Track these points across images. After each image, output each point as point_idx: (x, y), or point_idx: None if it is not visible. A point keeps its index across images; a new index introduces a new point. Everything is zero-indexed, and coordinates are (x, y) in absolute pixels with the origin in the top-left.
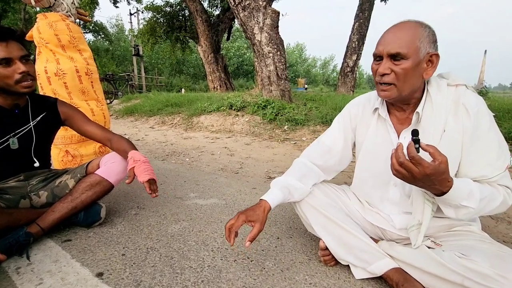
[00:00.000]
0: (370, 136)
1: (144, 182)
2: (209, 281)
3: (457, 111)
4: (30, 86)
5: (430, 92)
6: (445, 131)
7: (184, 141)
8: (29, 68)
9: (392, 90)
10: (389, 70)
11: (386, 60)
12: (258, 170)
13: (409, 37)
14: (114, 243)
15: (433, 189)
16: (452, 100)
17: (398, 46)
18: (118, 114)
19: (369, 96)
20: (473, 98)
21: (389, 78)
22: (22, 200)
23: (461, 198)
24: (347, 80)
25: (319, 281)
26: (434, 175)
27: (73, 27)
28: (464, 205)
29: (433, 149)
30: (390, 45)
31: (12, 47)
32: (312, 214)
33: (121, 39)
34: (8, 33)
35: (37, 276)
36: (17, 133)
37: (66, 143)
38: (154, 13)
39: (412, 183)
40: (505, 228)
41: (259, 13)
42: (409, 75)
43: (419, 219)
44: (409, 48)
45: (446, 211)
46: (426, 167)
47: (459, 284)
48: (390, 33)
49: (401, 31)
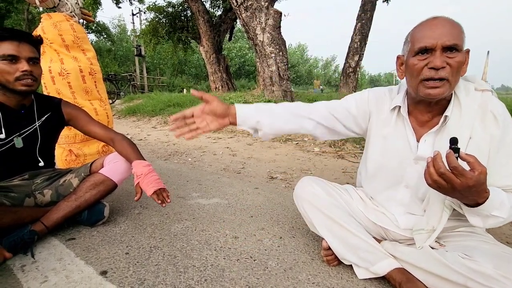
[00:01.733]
0: (386, 133)
1: (151, 195)
2: (212, 280)
3: (484, 118)
4: (29, 85)
5: (458, 95)
6: (471, 138)
7: (186, 141)
8: (34, 69)
9: (445, 86)
10: (445, 63)
11: (440, 53)
12: (260, 170)
13: (459, 30)
14: (118, 242)
15: (469, 200)
16: (479, 105)
17: (454, 37)
18: (120, 114)
19: (388, 91)
20: (500, 105)
21: (445, 72)
22: (27, 198)
23: (493, 208)
24: (349, 81)
25: (322, 281)
26: (475, 187)
27: (77, 27)
28: (495, 215)
29: (473, 159)
30: (445, 36)
31: (23, 47)
32: (314, 214)
33: (123, 40)
34: (23, 35)
35: (41, 274)
36: (23, 133)
37: (70, 142)
38: (156, 14)
39: (449, 194)
40: (508, 229)
41: (261, 14)
42: (460, 69)
43: (433, 225)
44: (461, 41)
45: (473, 220)
46: (469, 178)
47: (462, 285)
48: (438, 25)
49: (450, 24)
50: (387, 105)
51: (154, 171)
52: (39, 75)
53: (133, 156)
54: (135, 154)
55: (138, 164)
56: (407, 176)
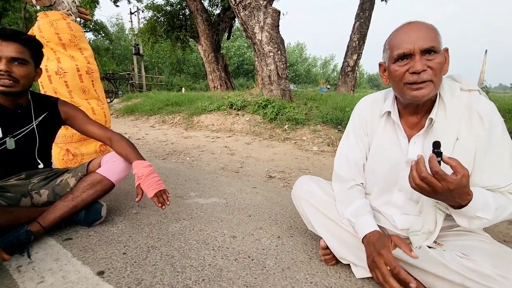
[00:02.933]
0: (377, 140)
1: (152, 198)
2: (210, 280)
3: (470, 119)
4: (5, 86)
5: (442, 96)
6: (458, 139)
7: (185, 140)
8: (15, 70)
9: (429, 87)
10: (426, 66)
11: (419, 57)
12: (258, 170)
13: (433, 32)
14: (115, 242)
15: (451, 202)
16: (465, 106)
17: (430, 40)
18: (118, 113)
19: (376, 98)
20: (487, 105)
21: (427, 75)
22: (23, 198)
23: (477, 209)
24: (347, 80)
25: (320, 280)
26: (456, 190)
27: (74, 26)
28: (479, 216)
29: (456, 163)
30: (422, 40)
31: (7, 46)
32: (312, 213)
33: (122, 38)
34: (10, 35)
35: (38, 275)
36: (20, 133)
37: (67, 142)
38: (154, 12)
39: (432, 196)
40: (505, 228)
41: (260, 12)
42: (441, 70)
43: (429, 228)
44: (438, 42)
45: (460, 221)
46: (450, 182)
47: (459, 284)
48: (413, 30)
49: (424, 27)
50: (376, 112)
51: (155, 172)
52: (21, 76)
53: (133, 156)
54: (135, 154)
55: (139, 164)
56: (400, 179)
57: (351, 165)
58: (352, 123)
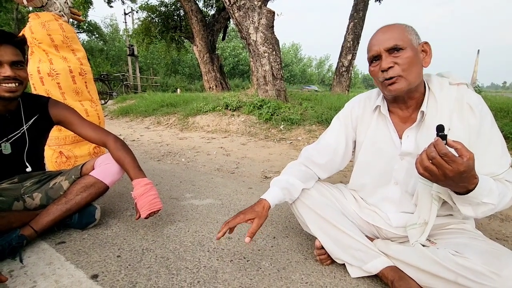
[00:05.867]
0: (370, 135)
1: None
2: (205, 282)
3: (461, 110)
4: (12, 91)
5: (432, 90)
6: (450, 130)
7: (180, 142)
8: (19, 73)
9: (400, 81)
10: (392, 63)
11: (385, 56)
12: (254, 170)
13: (398, 32)
14: (109, 245)
15: (459, 187)
16: (456, 98)
17: (393, 39)
18: (113, 114)
19: (370, 94)
20: (476, 96)
21: (394, 71)
22: (16, 202)
23: (483, 195)
24: (342, 80)
25: (315, 280)
26: (466, 172)
27: (66, 27)
28: (485, 202)
29: (461, 145)
30: (385, 41)
31: (5, 51)
32: (307, 214)
33: (116, 39)
34: (3, 37)
35: (30, 279)
36: (10, 138)
37: (60, 144)
38: (148, 13)
39: (441, 181)
40: (498, 226)
41: (254, 13)
42: (412, 63)
43: (425, 218)
44: (402, 40)
45: (464, 209)
46: (460, 164)
47: (453, 282)
48: (379, 34)
49: (389, 29)
50: (368, 108)
51: (152, 189)
52: (25, 79)
53: (133, 173)
54: (133, 168)
55: (137, 184)
56: (395, 172)
57: (319, 147)
58: (342, 115)
